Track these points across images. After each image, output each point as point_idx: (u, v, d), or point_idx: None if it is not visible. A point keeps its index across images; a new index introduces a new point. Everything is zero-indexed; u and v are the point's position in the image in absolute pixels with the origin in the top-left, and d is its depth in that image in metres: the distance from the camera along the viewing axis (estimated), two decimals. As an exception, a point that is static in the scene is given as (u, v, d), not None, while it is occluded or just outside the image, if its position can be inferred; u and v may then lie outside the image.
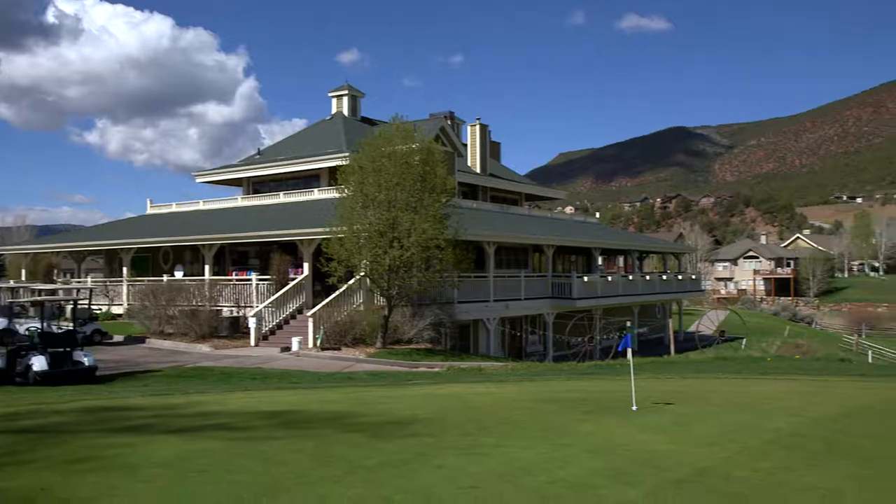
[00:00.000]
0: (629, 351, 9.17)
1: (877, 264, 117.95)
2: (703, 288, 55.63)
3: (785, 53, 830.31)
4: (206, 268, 28.61)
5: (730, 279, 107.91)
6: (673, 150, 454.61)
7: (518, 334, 30.87)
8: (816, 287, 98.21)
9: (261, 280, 26.51)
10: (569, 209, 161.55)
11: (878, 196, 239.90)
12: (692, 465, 5.72)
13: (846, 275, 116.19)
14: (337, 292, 23.08)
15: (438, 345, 23.75)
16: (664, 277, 41.85)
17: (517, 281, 30.14)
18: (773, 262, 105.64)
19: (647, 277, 40.61)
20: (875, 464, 5.80)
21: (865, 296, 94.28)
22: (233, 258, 30.92)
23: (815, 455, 6.14)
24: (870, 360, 35.35)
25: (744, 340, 37.66)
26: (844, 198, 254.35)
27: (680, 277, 43.58)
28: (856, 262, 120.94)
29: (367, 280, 22.62)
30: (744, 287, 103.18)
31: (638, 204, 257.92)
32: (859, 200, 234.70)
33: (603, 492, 4.96)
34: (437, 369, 17.13)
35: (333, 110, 37.83)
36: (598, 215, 52.98)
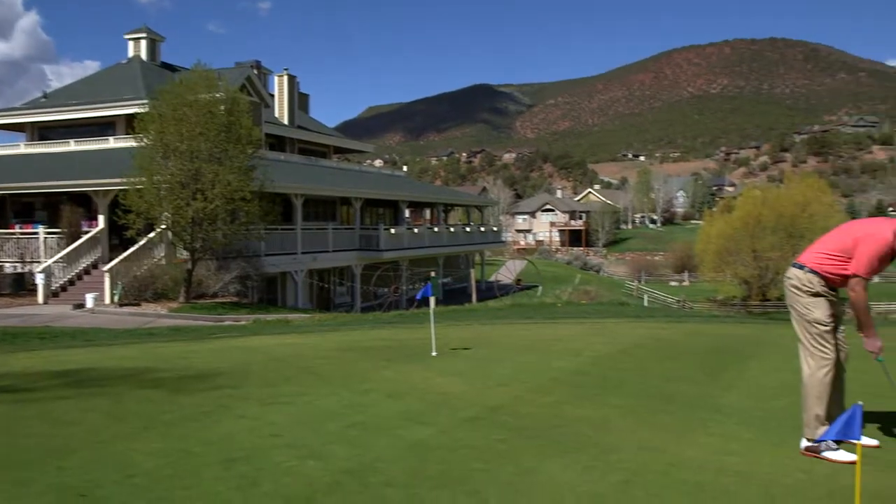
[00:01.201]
0: (432, 299, 9.56)
1: (655, 217, 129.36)
2: (504, 239, 58.36)
3: (580, 17, 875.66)
4: (-18, 220, 26.01)
5: (529, 231, 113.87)
6: (479, 107, 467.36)
7: (326, 286, 30.94)
8: (605, 238, 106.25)
9: (49, 233, 24.58)
10: (378, 162, 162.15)
11: (657, 154, 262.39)
12: (484, 404, 6.16)
13: (630, 226, 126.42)
14: (136, 246, 21.96)
15: (245, 298, 23.35)
16: (468, 229, 43.50)
17: (325, 233, 30.10)
18: (567, 215, 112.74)
19: (452, 229, 42.01)
20: (638, 394, 6.57)
21: (645, 245, 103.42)
22: (15, 210, 28.32)
23: (591, 389, 6.82)
24: (645, 304, 39.08)
25: (539, 288, 40.13)
26: (630, 155, 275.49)
27: (483, 229, 45.48)
28: (638, 215, 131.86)
29: (169, 233, 21.69)
30: (541, 238, 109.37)
31: (445, 158, 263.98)
32: (642, 158, 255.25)
33: (399, 432, 5.25)
34: (242, 322, 16.88)
35: (130, 54, 35.18)
36: (405, 169, 53.99)
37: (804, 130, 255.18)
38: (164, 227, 21.43)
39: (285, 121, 36.88)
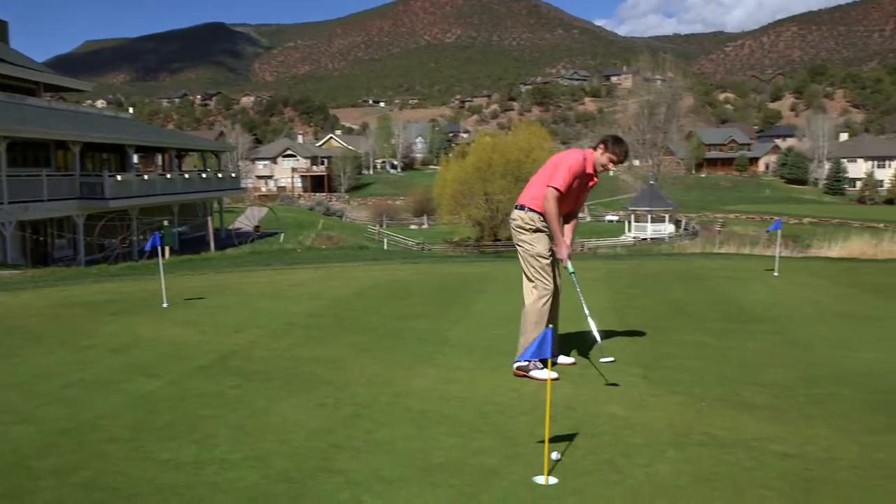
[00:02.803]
0: (166, 249, 9.11)
1: (395, 162, 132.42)
2: (243, 185, 56.66)
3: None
4: None
5: (270, 177, 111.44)
6: (214, 47, 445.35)
7: (42, 238, 28.07)
8: (347, 183, 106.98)
9: None
10: (100, 103, 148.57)
11: (397, 101, 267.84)
12: (217, 352, 6.04)
13: (371, 172, 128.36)
14: None
15: (-62, 256, 20.48)
16: (204, 176, 41.64)
17: (38, 181, 27.22)
18: (309, 161, 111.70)
19: (187, 176, 39.99)
20: (371, 333, 6.82)
21: (386, 190, 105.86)
22: None
23: (326, 331, 6.95)
24: (385, 247, 40.28)
25: (282, 235, 39.68)
26: (370, 101, 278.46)
27: (220, 176, 43.81)
28: (379, 160, 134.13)
29: None
30: (283, 184, 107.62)
31: (177, 100, 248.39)
32: (382, 104, 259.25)
33: (124, 386, 5.00)
34: (-64, 284, 14.81)
35: None
36: (131, 111, 49.78)
37: (528, 81, 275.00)
38: None
39: (-20, 52, 32.31)
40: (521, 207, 5.27)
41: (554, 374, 4.95)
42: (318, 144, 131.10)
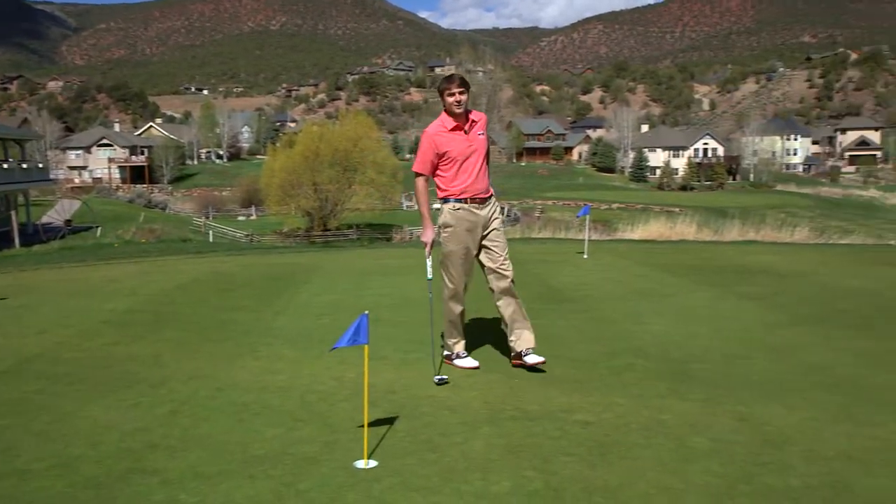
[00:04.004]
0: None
1: (221, 152, 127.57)
2: (53, 177, 52.63)
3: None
4: None
5: (84, 168, 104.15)
6: (12, 26, 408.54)
7: None
8: (170, 174, 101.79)
9: None
10: None
11: (221, 89, 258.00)
12: (18, 356, 5.64)
13: (196, 162, 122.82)
14: None
15: None
16: (6, 167, 38.32)
17: None
18: (127, 151, 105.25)
19: (-15, 167, 36.61)
20: (192, 327, 6.63)
21: (212, 181, 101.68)
22: None
23: (143, 327, 6.66)
24: (211, 239, 38.91)
25: (98, 229, 37.28)
26: (192, 89, 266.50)
27: (25, 166, 40.53)
28: (204, 150, 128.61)
29: None
30: (99, 175, 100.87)
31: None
32: (206, 92, 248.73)
33: None
34: None
35: None
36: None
37: (355, 71, 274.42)
38: None
39: None
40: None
41: (475, 363, 5.06)
42: (137, 133, 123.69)
